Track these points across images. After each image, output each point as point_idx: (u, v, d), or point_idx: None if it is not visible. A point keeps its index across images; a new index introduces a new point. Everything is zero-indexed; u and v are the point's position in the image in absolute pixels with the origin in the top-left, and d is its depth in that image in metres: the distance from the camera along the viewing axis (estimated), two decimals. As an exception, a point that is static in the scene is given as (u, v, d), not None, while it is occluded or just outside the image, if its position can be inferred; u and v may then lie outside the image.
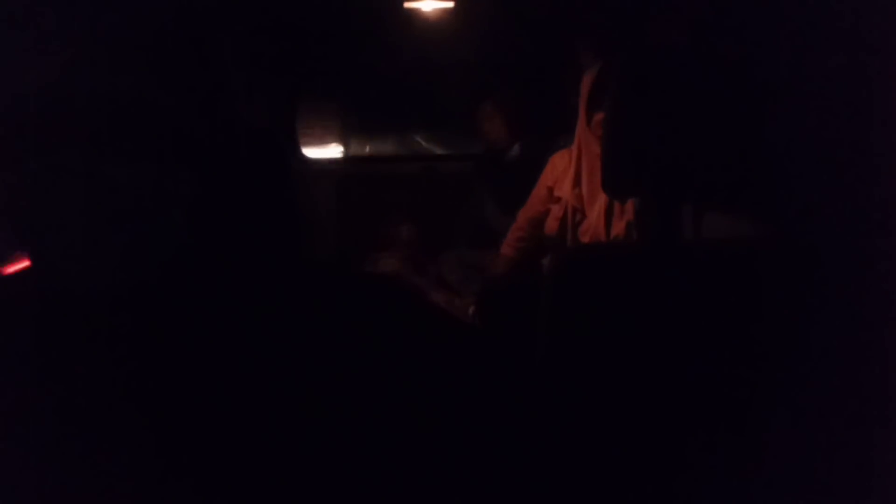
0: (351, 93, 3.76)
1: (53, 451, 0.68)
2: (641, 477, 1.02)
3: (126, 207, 0.68)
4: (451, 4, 3.29)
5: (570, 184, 2.15)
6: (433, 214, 3.49)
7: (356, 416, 0.72)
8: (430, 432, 0.75)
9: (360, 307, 0.78)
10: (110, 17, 0.69)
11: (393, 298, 0.82)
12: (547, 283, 1.10)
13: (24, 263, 0.70)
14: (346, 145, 3.76)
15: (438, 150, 3.88)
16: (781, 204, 1.11)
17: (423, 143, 3.96)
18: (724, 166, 1.07)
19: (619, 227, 2.01)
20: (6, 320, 0.72)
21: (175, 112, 0.70)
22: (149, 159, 0.68)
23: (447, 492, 0.75)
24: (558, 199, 2.24)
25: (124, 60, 0.68)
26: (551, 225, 2.26)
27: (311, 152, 3.50)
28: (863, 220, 1.05)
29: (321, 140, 3.57)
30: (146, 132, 0.68)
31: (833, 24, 1.08)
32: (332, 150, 3.66)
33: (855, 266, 1.01)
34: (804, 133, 1.08)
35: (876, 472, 0.98)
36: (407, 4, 3.27)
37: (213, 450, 0.70)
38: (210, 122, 0.71)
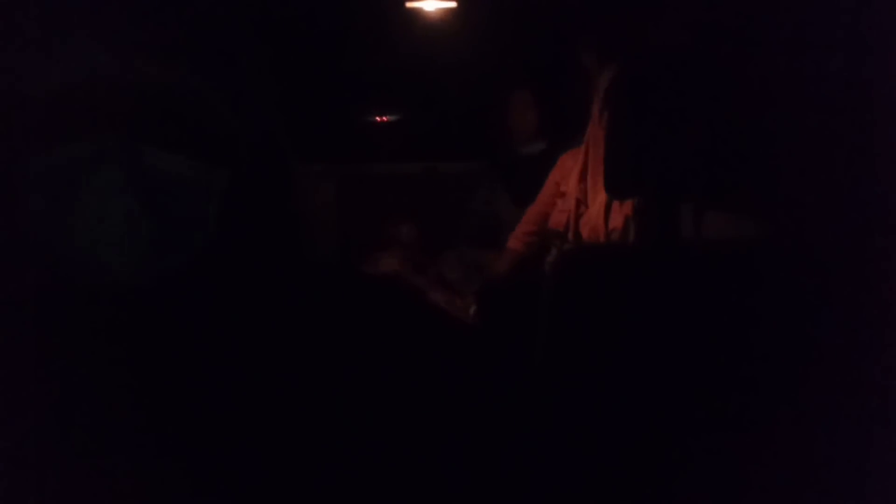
0: (352, 92, 3.76)
1: (58, 449, 0.68)
2: (642, 477, 1.02)
3: (131, 204, 0.68)
4: (453, 4, 3.29)
5: (576, 178, 2.18)
6: (433, 214, 3.49)
7: (356, 416, 0.72)
8: (431, 432, 0.75)
9: (361, 307, 0.78)
10: (120, 11, 0.70)
11: (393, 298, 0.82)
12: (548, 282, 1.10)
13: None
14: (346, 145, 3.76)
15: (439, 150, 3.88)
16: (781, 204, 1.11)
17: (424, 143, 3.96)
18: (724, 166, 1.07)
19: (616, 221, 2.03)
20: (20, 314, 0.72)
21: (180, 110, 0.70)
22: (153, 156, 0.68)
23: (447, 492, 0.75)
24: (564, 195, 2.27)
25: (132, 55, 0.69)
26: (558, 219, 2.29)
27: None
28: (863, 220, 1.05)
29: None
30: (151, 129, 0.69)
31: (833, 24, 1.09)
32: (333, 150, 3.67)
33: (855, 266, 1.01)
34: (804, 133, 1.08)
35: (876, 472, 0.98)
36: (409, 4, 3.27)
37: (214, 447, 0.70)
38: (213, 123, 0.72)
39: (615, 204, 2.04)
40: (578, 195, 2.15)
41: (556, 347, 1.07)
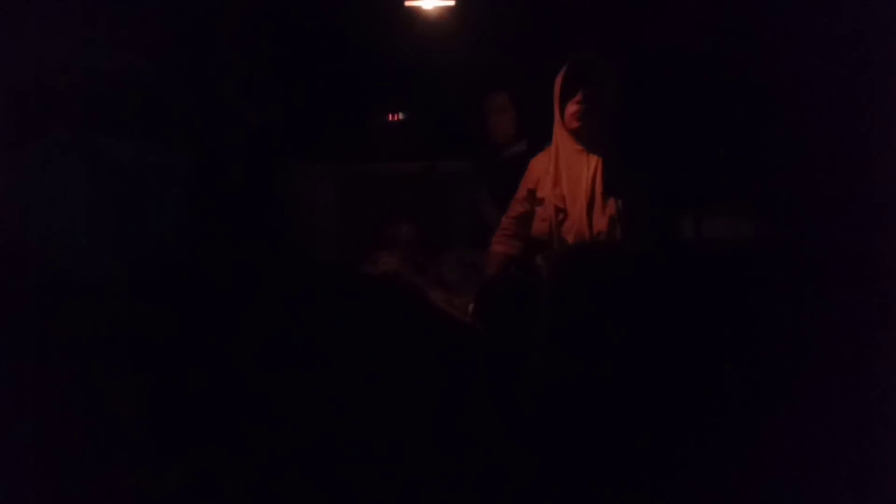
0: (352, 92, 3.77)
1: (52, 450, 0.68)
2: (641, 477, 1.02)
3: (124, 200, 0.68)
4: (451, 3, 3.29)
5: (551, 183, 2.16)
6: (433, 214, 3.50)
7: (355, 416, 0.72)
8: (430, 432, 0.75)
9: (360, 307, 0.78)
10: (116, 5, 0.70)
11: (393, 298, 0.82)
12: (547, 282, 1.10)
13: None
14: (346, 144, 3.76)
15: (439, 150, 3.89)
16: (781, 204, 1.11)
17: (424, 142, 3.96)
18: (724, 166, 1.07)
19: (601, 224, 2.02)
20: (6, 311, 0.71)
21: (179, 108, 0.70)
22: (151, 153, 0.68)
23: (447, 492, 0.75)
24: (541, 201, 2.25)
25: (129, 50, 0.68)
26: (540, 227, 2.27)
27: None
28: (863, 220, 1.05)
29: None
30: (149, 125, 0.69)
31: (833, 24, 1.08)
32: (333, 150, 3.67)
33: (855, 266, 1.01)
34: (804, 133, 1.08)
35: (876, 472, 0.98)
36: (408, 3, 3.28)
37: (211, 447, 0.70)
38: (212, 121, 0.71)
39: (597, 206, 2.04)
40: (556, 202, 2.14)
41: (555, 347, 1.07)
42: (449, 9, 3.35)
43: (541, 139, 2.79)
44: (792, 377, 0.99)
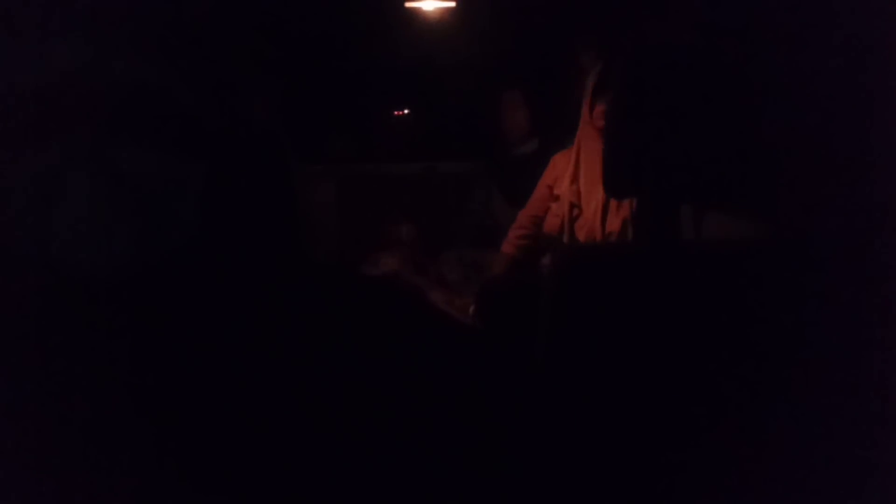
0: (352, 92, 3.77)
1: (53, 447, 0.68)
2: (642, 477, 1.02)
3: (126, 200, 0.68)
4: (452, 4, 3.30)
5: (569, 180, 2.16)
6: (433, 214, 3.50)
7: (356, 417, 0.72)
8: (431, 432, 0.75)
9: (361, 307, 0.78)
10: (117, 8, 0.70)
11: (393, 298, 0.82)
12: (547, 283, 1.09)
13: None
14: (346, 145, 3.77)
15: (439, 150, 3.89)
16: (781, 204, 1.11)
17: (424, 143, 3.96)
18: (724, 166, 1.07)
19: (614, 224, 2.02)
20: (8, 311, 0.72)
21: (178, 107, 0.70)
22: (151, 153, 0.68)
23: (447, 492, 0.75)
24: (558, 198, 2.25)
25: (131, 52, 0.69)
26: (552, 222, 2.27)
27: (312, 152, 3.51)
28: (863, 220, 1.05)
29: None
30: (150, 125, 0.69)
31: (833, 24, 1.08)
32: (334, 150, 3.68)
33: (855, 266, 1.01)
34: (804, 133, 1.08)
35: (876, 472, 0.98)
36: (408, 4, 3.28)
37: (211, 448, 0.70)
38: (212, 121, 0.72)
39: (612, 206, 2.03)
40: (572, 198, 2.14)
41: (556, 347, 1.07)
42: (449, 10, 3.35)
43: (552, 138, 2.79)
44: (792, 377, 0.99)
